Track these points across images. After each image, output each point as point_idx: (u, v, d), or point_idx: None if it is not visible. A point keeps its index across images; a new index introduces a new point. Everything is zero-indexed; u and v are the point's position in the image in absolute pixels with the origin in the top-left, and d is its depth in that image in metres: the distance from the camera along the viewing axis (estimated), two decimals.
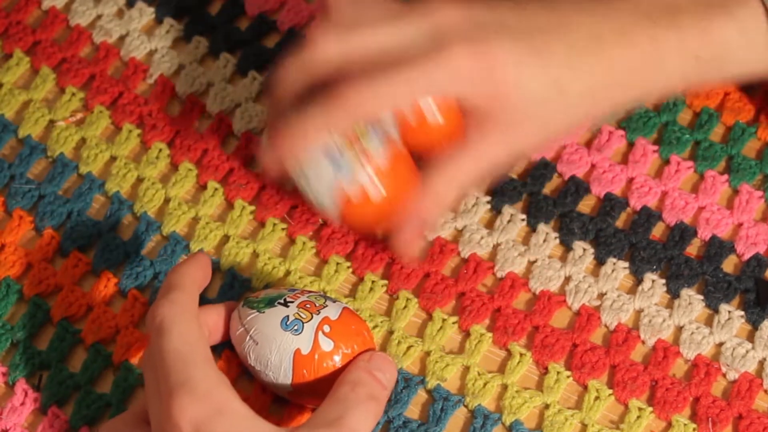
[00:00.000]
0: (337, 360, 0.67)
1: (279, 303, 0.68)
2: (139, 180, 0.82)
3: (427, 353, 0.73)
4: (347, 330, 0.68)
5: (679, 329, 0.73)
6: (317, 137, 0.69)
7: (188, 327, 0.65)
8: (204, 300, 0.75)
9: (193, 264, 0.69)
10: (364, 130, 0.70)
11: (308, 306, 0.68)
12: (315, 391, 0.67)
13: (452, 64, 0.68)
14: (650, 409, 0.70)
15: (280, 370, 0.67)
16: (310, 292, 0.70)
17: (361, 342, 0.68)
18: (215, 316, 0.71)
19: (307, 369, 0.67)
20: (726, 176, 0.78)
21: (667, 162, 0.79)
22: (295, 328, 0.67)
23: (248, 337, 0.68)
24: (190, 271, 0.69)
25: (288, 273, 0.77)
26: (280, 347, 0.67)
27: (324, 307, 0.68)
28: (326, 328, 0.67)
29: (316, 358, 0.66)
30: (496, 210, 0.78)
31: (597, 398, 0.71)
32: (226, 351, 0.74)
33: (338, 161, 0.69)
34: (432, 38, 0.69)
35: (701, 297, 0.74)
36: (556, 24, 0.69)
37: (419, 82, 0.68)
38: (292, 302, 0.68)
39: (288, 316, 0.67)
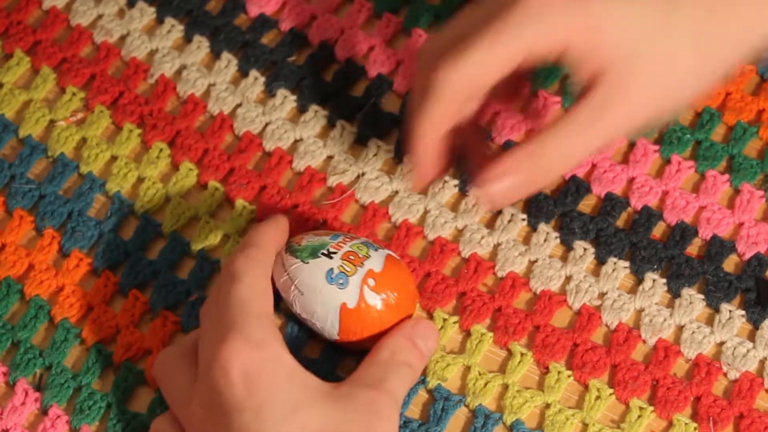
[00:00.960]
0: (383, 311, 0.69)
1: (323, 254, 0.69)
2: (140, 180, 0.82)
3: None
4: (392, 281, 0.69)
5: (680, 329, 0.73)
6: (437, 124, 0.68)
7: (257, 280, 0.67)
8: (204, 299, 0.76)
9: (273, 225, 0.72)
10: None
11: (352, 258, 0.69)
12: (361, 341, 0.69)
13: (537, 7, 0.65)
14: (651, 408, 0.70)
15: (326, 322, 0.69)
16: (352, 239, 0.71)
17: (405, 291, 0.70)
18: None
19: (353, 322, 0.69)
20: (727, 176, 0.78)
21: (668, 162, 0.79)
22: (340, 282, 0.68)
23: (293, 287, 0.69)
24: (269, 230, 0.71)
25: None
26: (325, 300, 0.69)
27: (367, 258, 0.69)
28: (371, 282, 0.69)
29: (362, 312, 0.68)
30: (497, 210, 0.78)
31: (598, 398, 0.71)
32: None
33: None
34: None
35: (702, 296, 0.74)
36: None
37: (510, 34, 0.65)
38: (335, 253, 0.69)
39: (332, 269, 0.69)
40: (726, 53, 0.67)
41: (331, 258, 0.69)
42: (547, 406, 0.71)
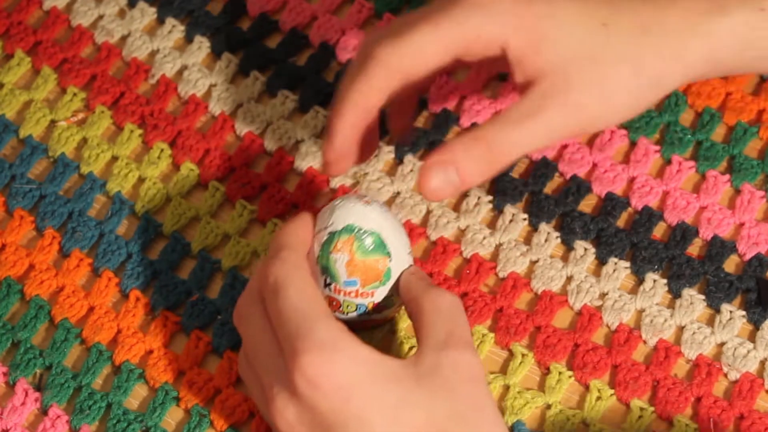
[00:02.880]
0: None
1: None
2: (141, 180, 0.82)
3: None
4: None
5: (681, 329, 0.73)
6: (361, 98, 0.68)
7: (304, 283, 0.65)
8: (205, 299, 0.76)
9: (299, 224, 0.69)
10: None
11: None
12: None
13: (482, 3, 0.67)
14: (652, 409, 0.70)
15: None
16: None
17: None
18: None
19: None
20: (728, 176, 0.78)
21: (668, 162, 0.79)
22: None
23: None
24: (297, 230, 0.69)
25: None
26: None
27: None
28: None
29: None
30: (498, 210, 0.78)
31: (599, 398, 0.71)
32: (227, 351, 0.74)
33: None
34: None
35: (703, 297, 0.74)
36: None
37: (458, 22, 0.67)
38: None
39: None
40: (659, 73, 0.68)
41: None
42: (548, 406, 0.71)
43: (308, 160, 0.81)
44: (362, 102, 0.68)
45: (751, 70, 0.71)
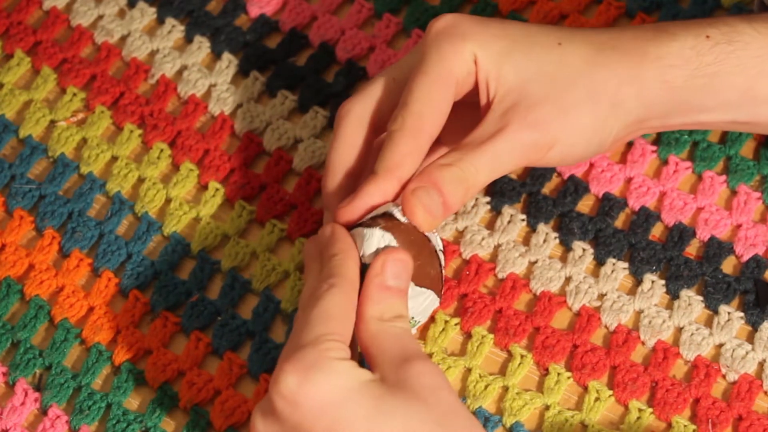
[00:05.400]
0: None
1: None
2: (140, 180, 0.82)
3: (430, 355, 0.73)
4: None
5: (679, 330, 0.73)
6: None
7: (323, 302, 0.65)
8: (205, 300, 0.76)
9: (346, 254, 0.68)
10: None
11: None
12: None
13: (430, 38, 0.70)
14: (650, 410, 0.70)
15: None
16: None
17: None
18: None
19: None
20: (724, 177, 0.78)
21: (665, 162, 0.79)
22: None
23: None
24: (346, 262, 0.67)
25: (287, 274, 0.77)
26: None
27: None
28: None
29: None
30: (496, 210, 0.78)
31: (597, 399, 0.71)
32: (227, 352, 0.74)
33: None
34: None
35: (701, 298, 0.74)
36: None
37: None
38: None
39: None
40: (615, 91, 0.70)
41: None
42: (547, 407, 0.71)
43: (306, 161, 0.81)
44: (341, 161, 0.71)
45: (701, 107, 0.71)
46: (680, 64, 0.70)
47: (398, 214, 0.67)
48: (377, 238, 0.66)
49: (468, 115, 0.72)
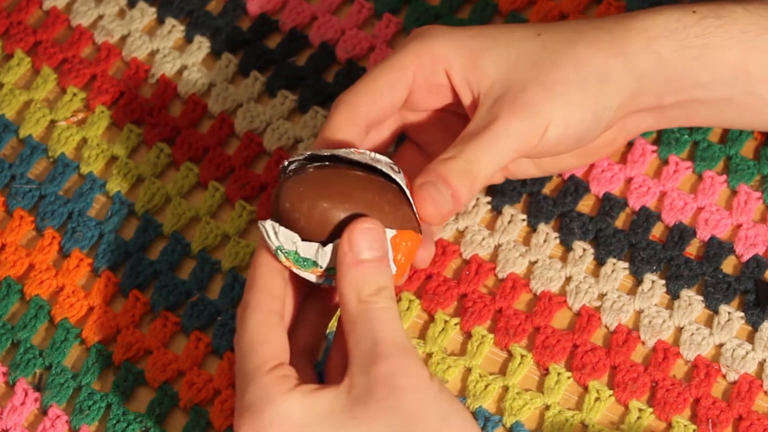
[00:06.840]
0: None
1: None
2: (140, 180, 0.82)
3: (429, 355, 0.73)
4: None
5: (679, 330, 0.73)
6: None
7: (253, 328, 0.63)
8: (205, 300, 0.76)
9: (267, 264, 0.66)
10: None
11: None
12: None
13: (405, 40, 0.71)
14: (650, 410, 0.70)
15: None
16: None
17: None
18: None
19: None
20: (724, 177, 0.78)
21: (665, 162, 0.79)
22: None
23: None
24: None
25: None
26: None
27: None
28: None
29: None
30: (497, 210, 0.78)
31: (597, 399, 0.71)
32: (227, 352, 0.74)
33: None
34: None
35: (701, 298, 0.74)
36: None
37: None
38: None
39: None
40: (600, 64, 0.69)
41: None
42: (547, 407, 0.71)
43: None
44: (330, 144, 0.69)
45: (695, 82, 0.71)
46: (667, 35, 0.69)
47: (351, 155, 0.65)
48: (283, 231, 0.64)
49: (461, 128, 0.71)
